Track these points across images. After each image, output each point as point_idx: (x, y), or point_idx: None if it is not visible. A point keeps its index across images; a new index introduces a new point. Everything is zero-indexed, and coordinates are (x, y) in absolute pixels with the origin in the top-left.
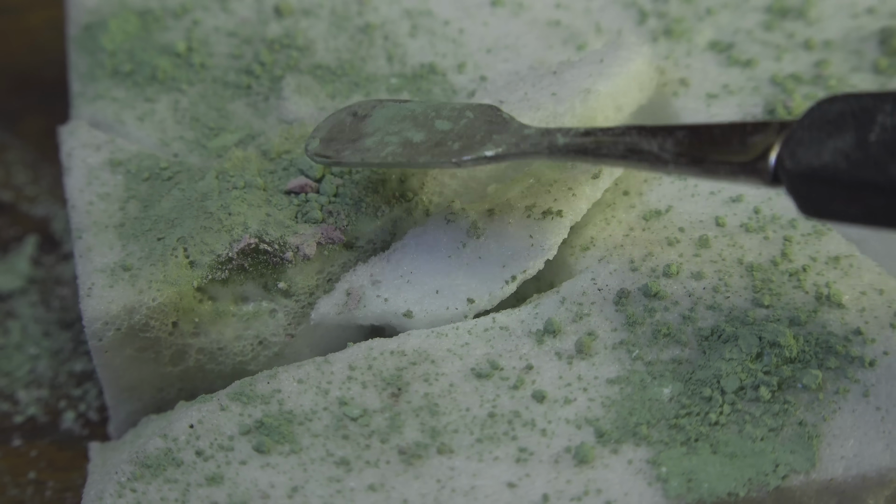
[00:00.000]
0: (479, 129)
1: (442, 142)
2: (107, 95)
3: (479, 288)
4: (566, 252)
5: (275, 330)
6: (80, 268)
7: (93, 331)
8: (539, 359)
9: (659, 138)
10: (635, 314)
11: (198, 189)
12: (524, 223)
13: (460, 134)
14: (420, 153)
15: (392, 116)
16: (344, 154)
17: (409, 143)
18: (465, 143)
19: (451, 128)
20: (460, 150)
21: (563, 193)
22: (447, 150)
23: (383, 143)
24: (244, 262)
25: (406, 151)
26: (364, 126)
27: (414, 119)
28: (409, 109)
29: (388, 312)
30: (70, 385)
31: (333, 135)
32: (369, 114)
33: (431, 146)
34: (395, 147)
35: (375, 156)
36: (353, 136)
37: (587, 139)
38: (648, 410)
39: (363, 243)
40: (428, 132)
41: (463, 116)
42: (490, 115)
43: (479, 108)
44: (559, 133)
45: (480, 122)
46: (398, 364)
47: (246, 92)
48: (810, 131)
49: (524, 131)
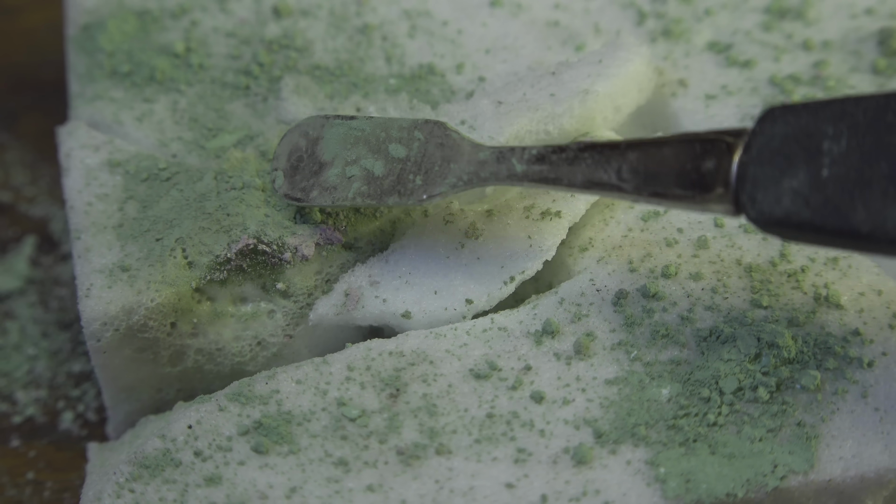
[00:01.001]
0: (433, 154)
1: (403, 176)
2: (105, 96)
3: (477, 289)
4: (565, 253)
5: (273, 331)
6: (79, 268)
7: (91, 331)
8: (537, 359)
9: (614, 163)
10: (634, 315)
11: (196, 190)
12: (523, 224)
13: (418, 163)
14: (387, 191)
15: (344, 138)
16: (313, 194)
17: (372, 177)
18: (425, 177)
19: (405, 154)
20: (423, 186)
21: (563, 194)
22: (411, 187)
23: (347, 179)
24: (243, 262)
25: (373, 189)
26: (320, 151)
27: (367, 143)
28: (359, 129)
29: (386, 313)
30: (68, 386)
31: (293, 163)
32: (321, 135)
33: (395, 182)
34: (360, 184)
35: (344, 196)
36: (313, 166)
37: (544, 167)
38: (647, 411)
39: (362, 244)
40: (385, 161)
41: (413, 138)
42: (439, 135)
43: (426, 128)
44: (514, 158)
45: (432, 145)
46: (397, 365)
47: (244, 92)
48: (762, 166)
49: (479, 155)
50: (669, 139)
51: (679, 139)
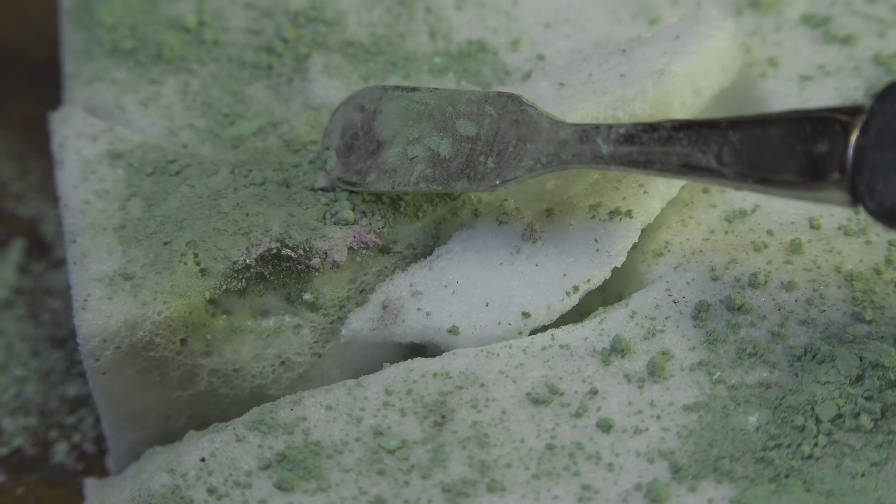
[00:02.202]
0: (507, 133)
1: (473, 157)
2: (105, 77)
3: (535, 300)
4: (637, 259)
5: (299, 348)
6: (75, 276)
7: (89, 349)
8: (605, 382)
9: (714, 145)
10: (716, 331)
11: (210, 185)
12: (588, 225)
13: (489, 143)
14: (454, 175)
15: (405, 113)
16: (370, 178)
17: (438, 158)
18: (498, 159)
19: (476, 132)
20: (496, 169)
21: (633, 190)
22: (482, 171)
23: (409, 161)
24: (264, 269)
25: (438, 173)
26: (377, 127)
27: (431, 118)
28: (422, 102)
29: (430, 328)
30: (62, 412)
31: (348, 142)
32: (377, 108)
33: (463, 164)
34: (424, 167)
35: (406, 180)
36: (370, 145)
37: (633, 148)
38: (731, 442)
39: (401, 248)
40: (453, 140)
41: (483, 114)
42: (513, 110)
43: (498, 101)
44: (600, 138)
45: (506, 122)
46: (442, 388)
47: (266, 73)
48: (881, 151)
49: (559, 134)
50: (776, 117)
51: (787, 117)
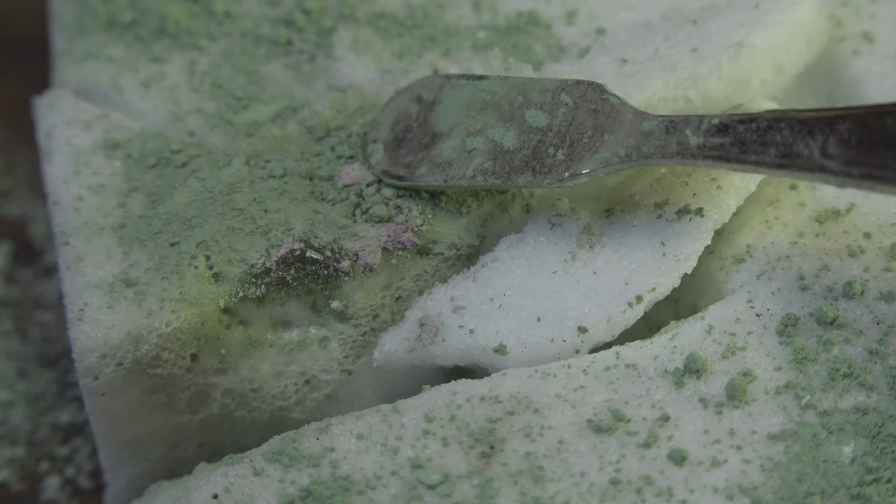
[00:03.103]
0: (583, 123)
1: (541, 149)
2: (100, 54)
3: (593, 313)
4: (713, 265)
5: (326, 365)
6: (68, 283)
7: (86, 366)
8: (678, 407)
9: (818, 136)
10: (806, 348)
11: (222, 178)
12: (653, 226)
13: (561, 134)
14: (517, 168)
15: (468, 103)
16: (420, 171)
17: (500, 150)
18: (570, 151)
19: (547, 123)
20: (566, 162)
21: (705, 186)
22: (550, 163)
23: (467, 153)
24: (286, 274)
25: (499, 166)
26: (435, 119)
27: (498, 109)
28: (489, 91)
29: (473, 348)
30: (54, 441)
31: (399, 134)
32: (437, 98)
33: (529, 157)
34: (483, 159)
35: (461, 174)
36: (424, 137)
37: (726, 140)
38: (823, 476)
39: (443, 249)
40: (520, 131)
41: (559, 103)
42: (593, 99)
43: (577, 89)
44: (689, 129)
45: (583, 112)
46: (490, 414)
47: (285, 50)
48: None
49: (643, 125)
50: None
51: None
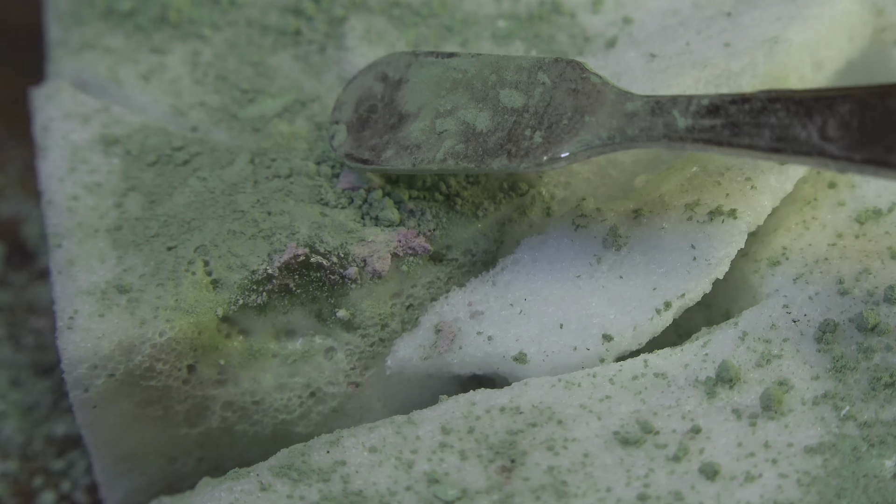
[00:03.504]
0: (562, 104)
1: (517, 131)
2: (98, 44)
3: (619, 320)
4: (747, 268)
5: (332, 376)
6: (59, 289)
7: (76, 377)
8: (709, 418)
9: (816, 117)
10: (845, 356)
11: (225, 178)
12: (683, 228)
13: (539, 115)
14: (491, 151)
15: (437, 82)
16: (387, 154)
17: (472, 132)
18: (548, 133)
19: (523, 104)
20: (544, 145)
21: (739, 185)
22: (527, 146)
23: (437, 135)
24: (289, 280)
25: (471, 149)
26: (401, 99)
27: (469, 88)
28: (460, 70)
29: (492, 356)
30: (48, 455)
31: (363, 115)
32: (404, 77)
33: (504, 139)
34: (454, 142)
35: (431, 157)
36: (390, 118)
37: (717, 121)
38: (864, 491)
39: (457, 255)
40: (493, 112)
41: (535, 82)
42: (572, 78)
43: (555, 68)
44: (676, 109)
45: (562, 91)
46: (511, 425)
47: (293, 40)
48: None
49: (626, 106)
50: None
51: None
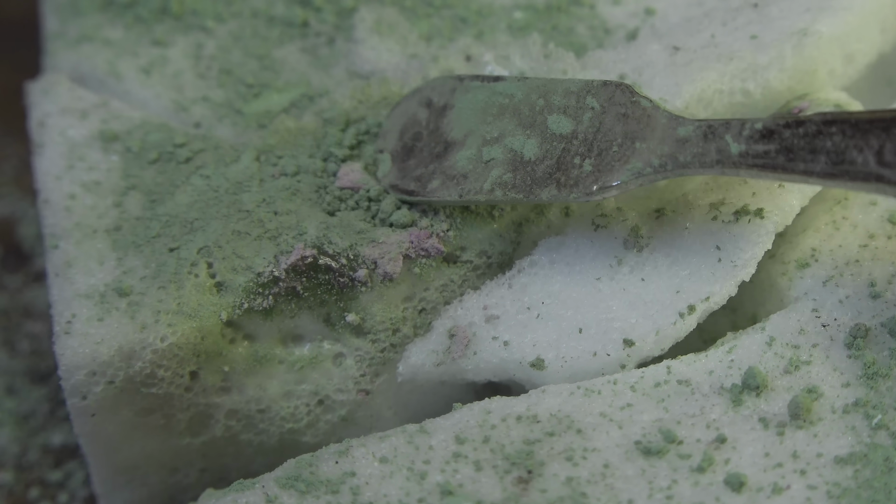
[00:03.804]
0: (612, 130)
1: (566, 159)
2: (96, 37)
3: (640, 324)
4: (774, 270)
5: (341, 384)
6: (56, 292)
7: (73, 384)
8: (735, 427)
9: (873, 141)
10: (877, 362)
11: (229, 176)
12: (708, 228)
13: (588, 141)
14: (540, 181)
15: (483, 108)
16: (433, 185)
17: (521, 161)
18: (598, 160)
19: (572, 130)
20: (594, 173)
21: (766, 184)
22: (577, 175)
23: (484, 164)
24: (296, 283)
25: (520, 179)
26: (447, 126)
27: (517, 114)
28: (506, 94)
29: (508, 362)
30: (45, 465)
31: (408, 143)
32: (449, 102)
33: (553, 168)
34: (502, 171)
35: (478, 187)
36: (435, 147)
37: (771, 147)
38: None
39: (472, 257)
40: (542, 139)
41: (584, 107)
42: (622, 102)
43: (603, 91)
44: (729, 135)
45: (611, 117)
46: (528, 435)
47: (301, 32)
48: None
49: (678, 131)
50: None
51: None
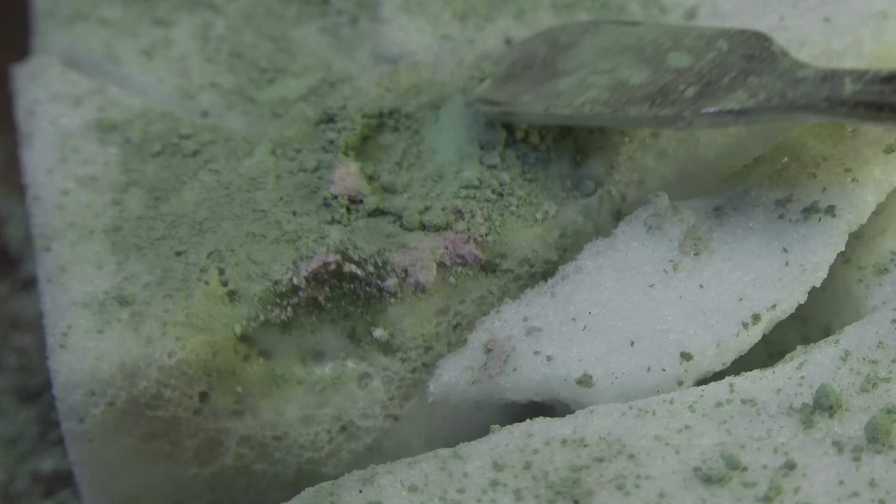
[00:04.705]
0: (730, 66)
1: (671, 86)
2: (91, 15)
3: (699, 336)
4: (849, 276)
5: (367, 408)
6: (49, 300)
7: (69, 406)
8: (806, 452)
9: None
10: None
11: (242, 171)
12: (773, 228)
13: (700, 74)
14: (633, 100)
15: (608, 46)
16: (523, 99)
17: (623, 85)
18: (703, 88)
19: (690, 64)
20: (694, 98)
21: (838, 178)
22: (674, 98)
23: (583, 86)
24: (318, 293)
25: (614, 98)
26: (563, 60)
27: (639, 51)
28: (637, 36)
29: (552, 378)
30: (35, 494)
31: (515, 71)
32: (575, 41)
33: (653, 92)
34: (598, 92)
35: (567, 102)
36: (542, 74)
37: (886, 88)
38: None
39: (513, 265)
40: (654, 70)
41: (712, 47)
42: (753, 46)
43: (738, 37)
44: (849, 77)
45: (735, 56)
46: (574, 461)
47: (320, 10)
48: None
49: (798, 73)
50: None
51: None
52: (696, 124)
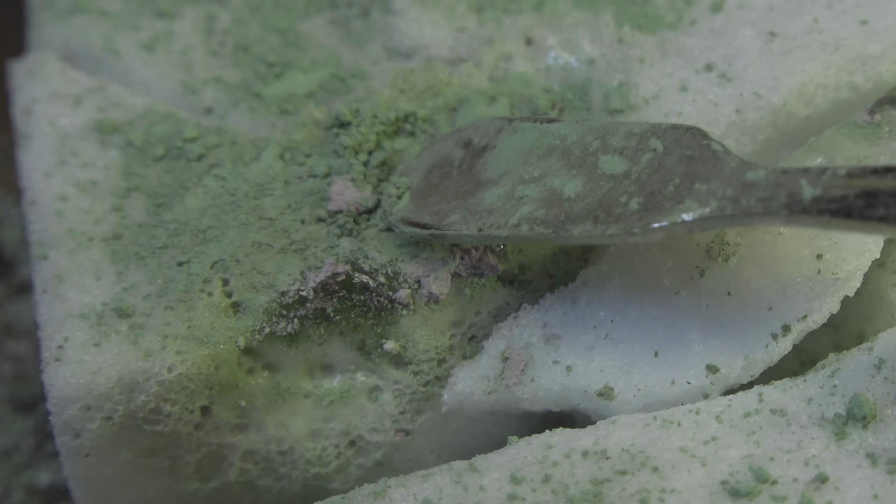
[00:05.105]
0: (670, 170)
1: (611, 197)
2: (90, 7)
3: (726, 347)
4: (883, 282)
5: (377, 422)
6: (46, 310)
7: (64, 420)
8: (839, 465)
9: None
10: None
11: (249, 177)
12: (804, 236)
13: (640, 181)
14: (574, 217)
15: (529, 149)
16: (451, 219)
17: (558, 198)
18: (647, 200)
19: (626, 169)
20: (639, 212)
21: None
22: (619, 213)
23: (514, 201)
24: (326, 304)
25: (552, 215)
26: (482, 166)
27: (566, 155)
28: (559, 136)
29: (572, 389)
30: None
31: (433, 182)
32: (491, 143)
33: (593, 205)
34: (533, 207)
35: (501, 222)
36: (464, 185)
37: (849, 191)
38: None
39: (532, 276)
40: (588, 177)
41: (645, 149)
42: (690, 145)
43: (671, 135)
44: (806, 179)
45: (674, 158)
46: (596, 473)
47: (330, 1)
48: None
49: (748, 175)
50: None
51: None
52: (648, 239)
